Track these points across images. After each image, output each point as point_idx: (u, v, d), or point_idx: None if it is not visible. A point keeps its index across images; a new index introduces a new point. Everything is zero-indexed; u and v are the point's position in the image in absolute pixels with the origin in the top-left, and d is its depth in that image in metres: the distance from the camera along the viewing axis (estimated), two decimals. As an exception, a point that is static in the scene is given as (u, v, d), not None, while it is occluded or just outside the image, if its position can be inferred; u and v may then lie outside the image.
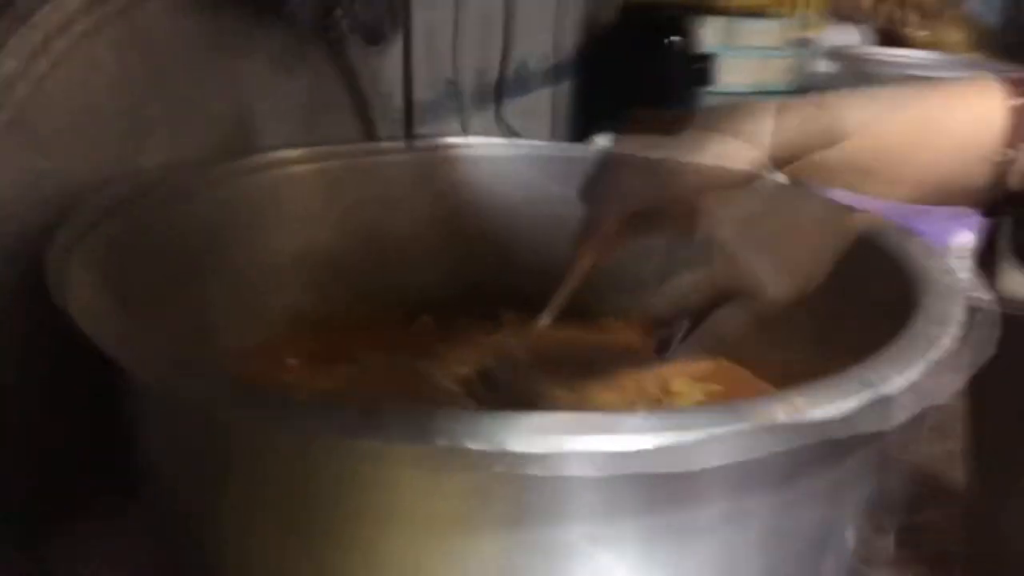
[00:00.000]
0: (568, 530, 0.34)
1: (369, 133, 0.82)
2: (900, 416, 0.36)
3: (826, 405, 0.34)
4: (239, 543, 0.40)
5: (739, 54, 1.45)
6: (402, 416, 0.31)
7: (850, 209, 0.50)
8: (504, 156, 0.76)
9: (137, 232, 0.53)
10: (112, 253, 0.48)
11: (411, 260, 0.73)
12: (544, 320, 0.60)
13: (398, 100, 0.91)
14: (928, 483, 0.82)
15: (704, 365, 0.69)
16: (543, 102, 1.28)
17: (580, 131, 1.37)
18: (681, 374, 0.66)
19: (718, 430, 0.31)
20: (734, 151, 0.50)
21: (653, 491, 0.34)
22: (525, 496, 0.34)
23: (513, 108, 1.17)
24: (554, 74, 1.29)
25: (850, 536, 0.44)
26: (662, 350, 0.55)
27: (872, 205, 0.52)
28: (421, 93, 0.95)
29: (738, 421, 0.32)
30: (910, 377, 0.37)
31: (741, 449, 0.33)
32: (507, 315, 0.71)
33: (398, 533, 0.35)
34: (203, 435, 0.38)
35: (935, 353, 0.39)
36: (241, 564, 0.40)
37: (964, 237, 1.09)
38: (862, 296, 0.56)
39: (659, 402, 0.62)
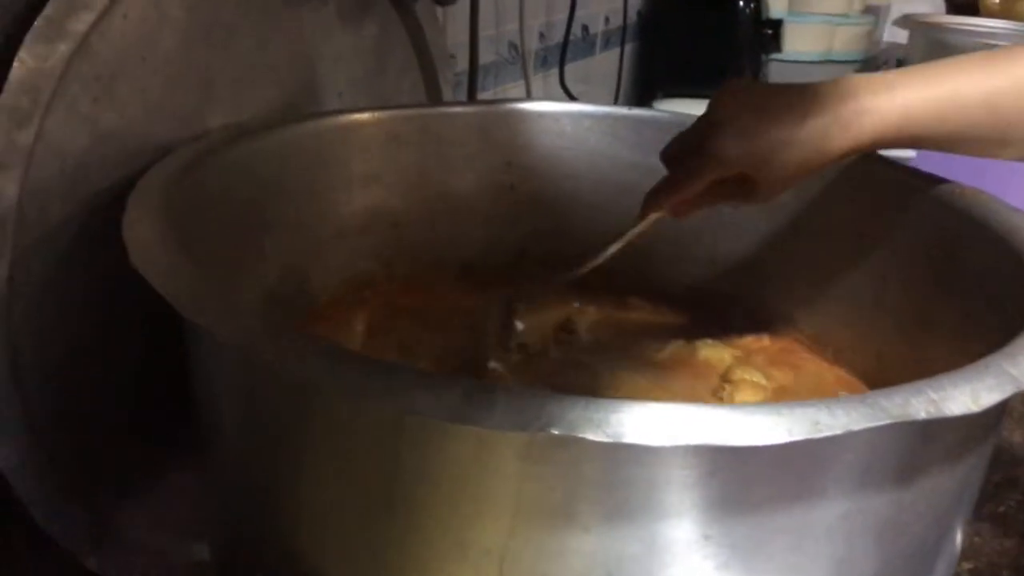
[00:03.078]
0: (677, 527, 0.32)
1: (433, 93, 0.80)
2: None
3: (966, 399, 0.31)
4: (317, 520, 0.38)
5: (807, 20, 1.40)
6: (512, 400, 0.29)
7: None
8: (570, 119, 0.73)
9: (203, 197, 0.52)
10: (184, 217, 0.47)
11: (471, 222, 0.72)
12: (590, 266, 0.60)
13: (463, 61, 0.88)
14: (1009, 470, 0.79)
15: (771, 348, 0.67)
16: (605, 65, 1.24)
17: (641, 95, 1.34)
18: (744, 362, 0.64)
19: (855, 426, 0.29)
20: (836, 130, 0.48)
21: (770, 489, 0.32)
22: (635, 489, 0.31)
23: (575, 71, 1.14)
24: (617, 37, 1.25)
25: (961, 531, 0.41)
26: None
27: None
28: (485, 55, 0.93)
29: (875, 418, 0.29)
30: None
31: (876, 446, 0.31)
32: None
33: (494, 521, 0.33)
34: (288, 402, 0.36)
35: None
36: (318, 543, 0.38)
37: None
38: (962, 277, 0.53)
39: (720, 389, 0.60)
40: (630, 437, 0.28)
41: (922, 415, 0.30)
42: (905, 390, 0.31)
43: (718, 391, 0.60)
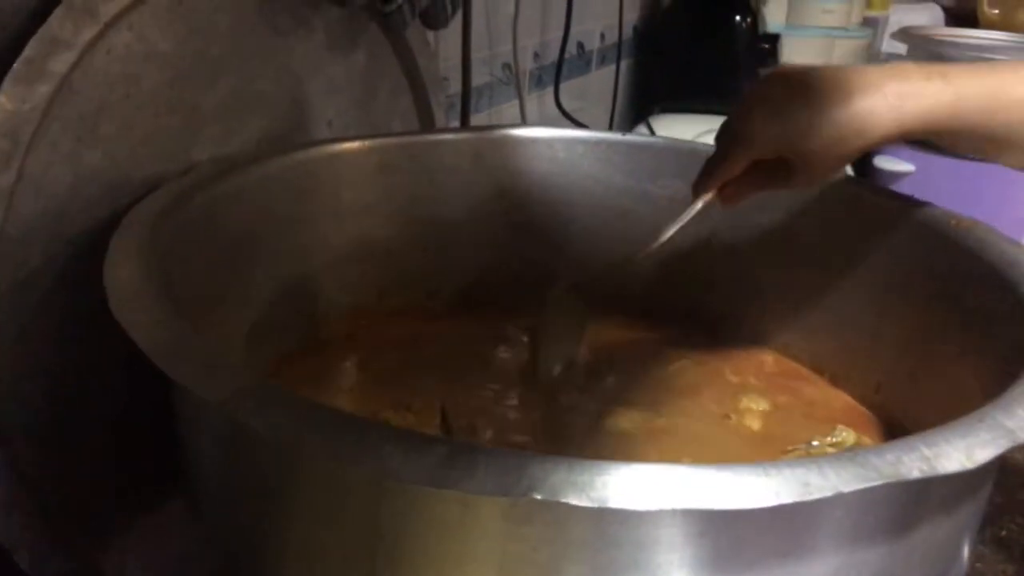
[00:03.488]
0: (666, 585, 0.31)
1: (425, 117, 0.79)
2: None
3: (960, 456, 0.30)
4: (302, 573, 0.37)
5: (805, 34, 1.39)
6: (493, 463, 0.28)
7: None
8: (563, 145, 0.72)
9: (191, 231, 0.51)
10: (171, 253, 0.46)
11: (464, 250, 0.71)
12: (651, 248, 0.58)
13: (456, 84, 0.87)
14: (1012, 492, 0.78)
15: (771, 370, 0.67)
16: (601, 82, 1.24)
17: (638, 111, 1.33)
18: (750, 389, 0.63)
19: (846, 488, 0.28)
20: (880, 110, 0.47)
21: (760, 547, 0.31)
22: (622, 550, 0.31)
23: (571, 89, 1.13)
24: (613, 54, 1.25)
25: (961, 571, 0.40)
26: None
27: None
28: (479, 77, 0.92)
29: (866, 479, 0.29)
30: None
31: (868, 503, 0.30)
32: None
33: (478, 581, 0.32)
34: (268, 459, 0.36)
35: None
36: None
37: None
38: (960, 306, 0.52)
39: (728, 418, 0.59)
40: (615, 502, 0.28)
41: (915, 474, 0.29)
42: (897, 447, 0.30)
43: (724, 417, 0.59)
